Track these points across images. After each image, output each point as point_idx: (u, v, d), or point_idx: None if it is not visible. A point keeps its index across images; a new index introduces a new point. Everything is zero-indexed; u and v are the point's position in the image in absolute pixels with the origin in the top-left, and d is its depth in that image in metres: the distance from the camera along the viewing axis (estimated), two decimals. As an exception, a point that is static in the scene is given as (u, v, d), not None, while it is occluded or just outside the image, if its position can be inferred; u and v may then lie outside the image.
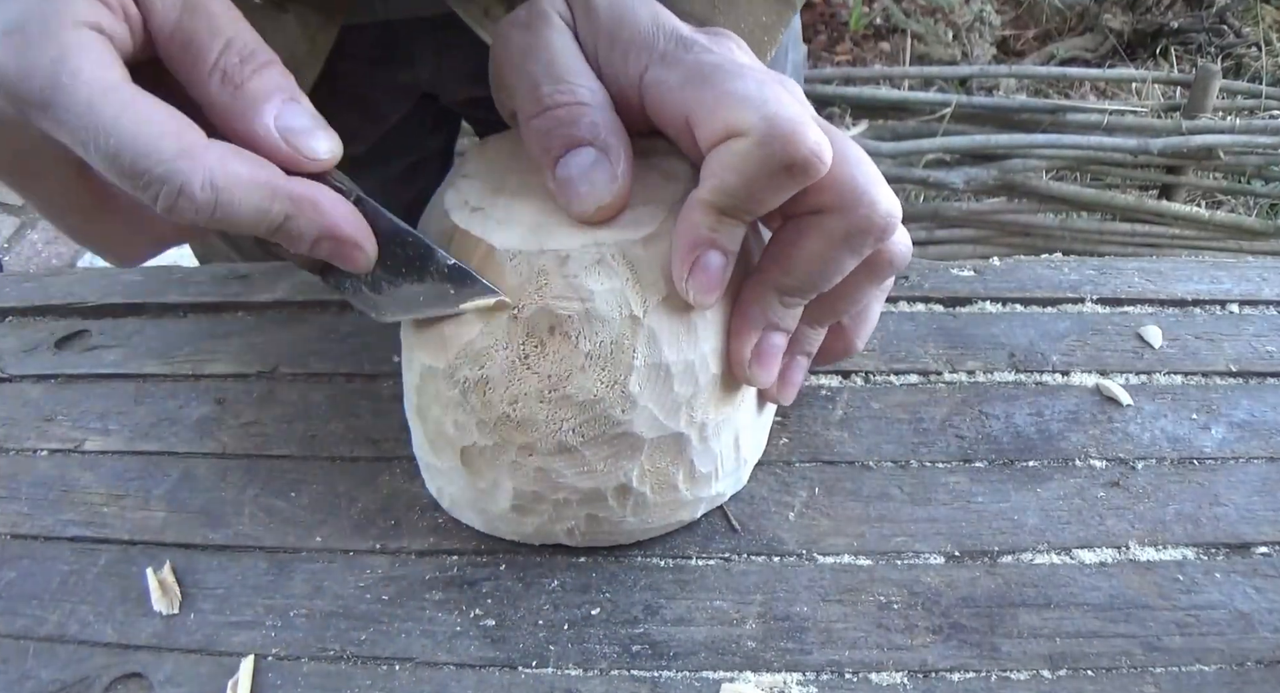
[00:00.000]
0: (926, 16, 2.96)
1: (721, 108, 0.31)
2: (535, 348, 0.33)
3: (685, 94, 0.32)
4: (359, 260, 0.32)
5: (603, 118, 0.33)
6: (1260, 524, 0.38)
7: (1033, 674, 0.34)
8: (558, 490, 0.35)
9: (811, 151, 0.30)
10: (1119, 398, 0.44)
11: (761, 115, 0.30)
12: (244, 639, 0.36)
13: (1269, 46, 2.81)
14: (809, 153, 0.30)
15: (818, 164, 0.30)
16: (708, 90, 0.32)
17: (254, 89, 0.30)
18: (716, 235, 0.32)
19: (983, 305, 0.49)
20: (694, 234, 0.32)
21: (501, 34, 0.35)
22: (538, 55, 0.34)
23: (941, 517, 0.39)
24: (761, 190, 0.31)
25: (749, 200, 0.31)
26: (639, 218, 0.33)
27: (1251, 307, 0.49)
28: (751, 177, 0.31)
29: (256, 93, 0.30)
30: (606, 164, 0.32)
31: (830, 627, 0.35)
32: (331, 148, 0.31)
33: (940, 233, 2.11)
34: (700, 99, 0.32)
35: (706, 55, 0.33)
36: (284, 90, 0.31)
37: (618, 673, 0.34)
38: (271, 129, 0.30)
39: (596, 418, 0.33)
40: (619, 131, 0.33)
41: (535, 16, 0.35)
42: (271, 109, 0.30)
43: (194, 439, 0.44)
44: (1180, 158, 2.05)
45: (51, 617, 0.37)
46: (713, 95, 0.32)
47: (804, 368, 0.38)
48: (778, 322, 0.35)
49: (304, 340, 0.49)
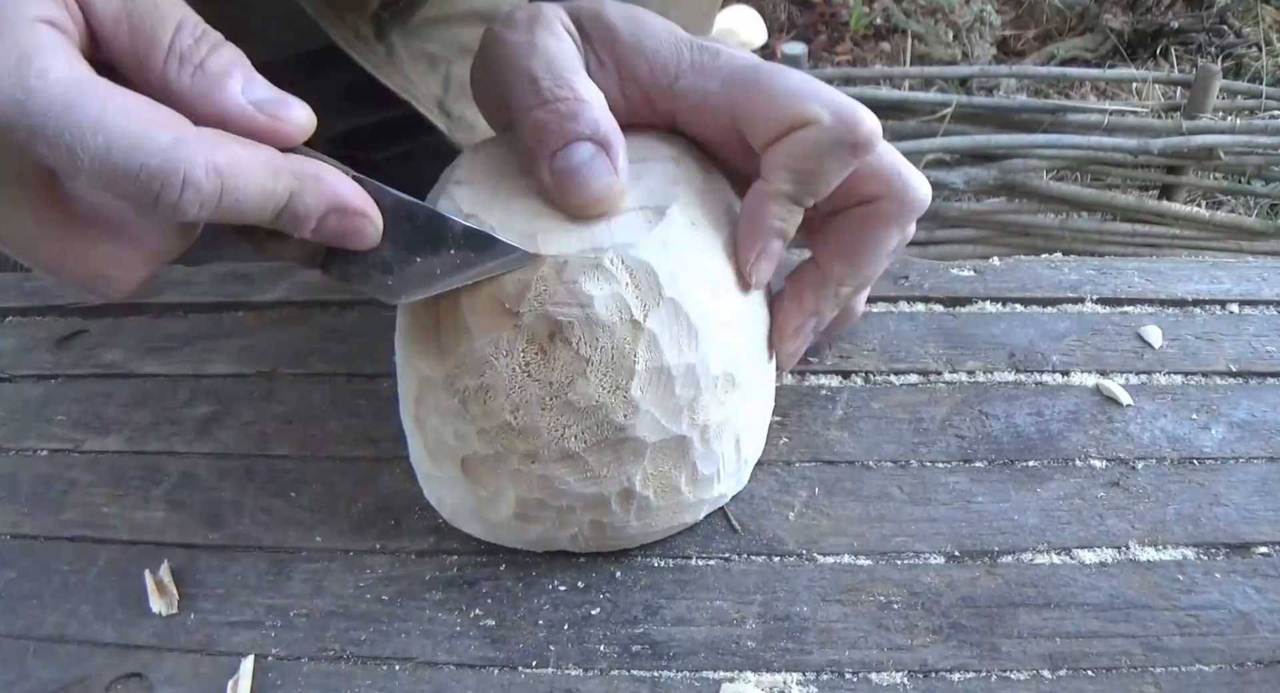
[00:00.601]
0: (927, 16, 2.97)
1: (777, 105, 0.34)
2: (536, 355, 0.33)
3: (731, 97, 0.35)
4: (367, 232, 0.31)
5: (602, 114, 0.34)
6: (1260, 524, 0.38)
7: (1033, 674, 0.34)
8: (561, 498, 0.35)
9: (872, 130, 0.34)
10: (1119, 398, 0.44)
11: (822, 104, 0.34)
12: (244, 639, 0.36)
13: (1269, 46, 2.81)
14: (870, 131, 0.34)
15: (877, 140, 0.35)
16: (755, 91, 0.35)
17: (215, 66, 0.29)
18: (785, 224, 0.36)
19: (983, 305, 0.49)
20: (767, 224, 0.35)
21: (495, 34, 0.36)
22: (538, 53, 0.34)
23: (941, 517, 0.39)
24: (830, 171, 0.35)
25: (816, 182, 0.35)
26: (637, 221, 0.33)
27: (1251, 307, 0.49)
28: (823, 159, 0.34)
29: (219, 70, 0.29)
30: (604, 159, 0.33)
31: (830, 627, 0.35)
32: (308, 113, 0.30)
33: (940, 233, 2.11)
34: (749, 100, 0.35)
35: (737, 60, 0.36)
36: (242, 65, 0.29)
37: (618, 673, 0.34)
38: (244, 103, 0.29)
39: (599, 424, 0.33)
40: (616, 129, 0.34)
41: (536, 20, 0.36)
42: (236, 84, 0.29)
43: (194, 439, 0.44)
44: (1180, 158, 2.05)
45: (51, 617, 0.37)
46: (762, 95, 0.35)
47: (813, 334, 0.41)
48: (825, 312, 0.40)
49: (304, 340, 0.49)
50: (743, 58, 0.36)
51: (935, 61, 2.80)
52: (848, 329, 0.47)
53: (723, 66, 0.36)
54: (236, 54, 0.30)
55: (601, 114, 0.33)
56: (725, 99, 0.35)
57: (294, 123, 0.30)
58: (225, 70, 0.29)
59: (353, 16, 0.54)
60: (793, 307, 0.39)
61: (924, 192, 0.38)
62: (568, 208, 0.33)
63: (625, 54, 0.36)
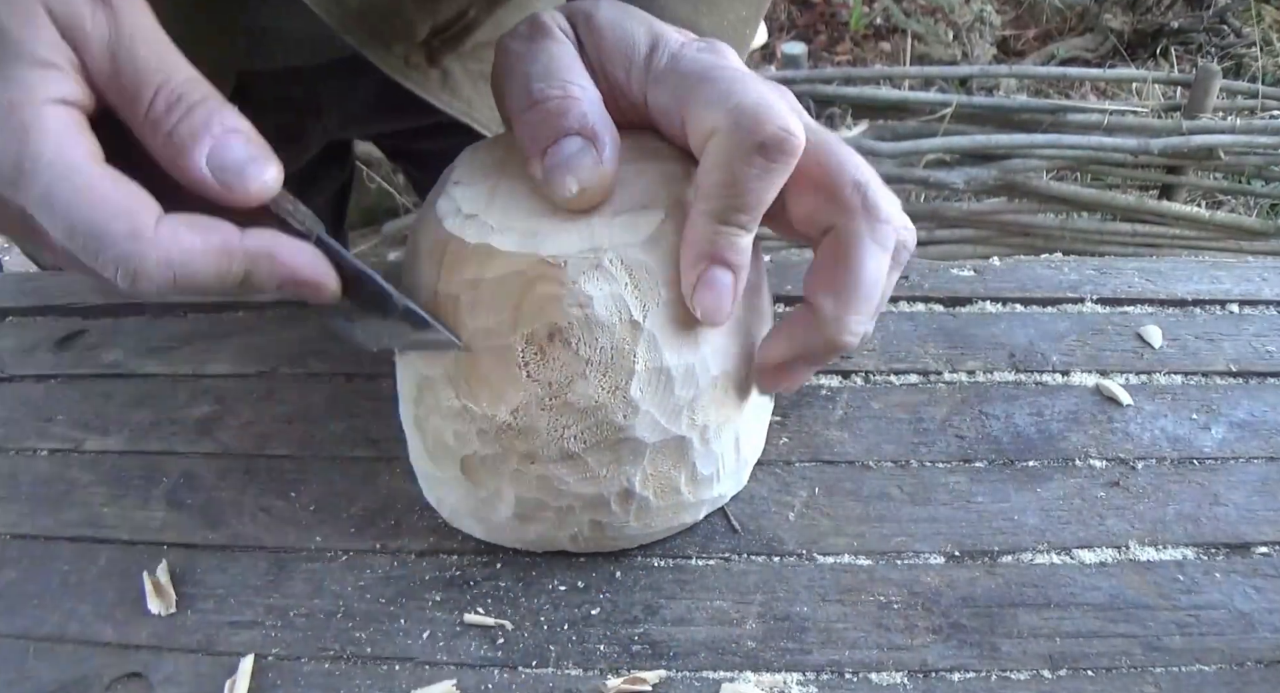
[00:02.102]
0: (927, 16, 2.97)
1: (696, 116, 0.32)
2: (536, 355, 0.33)
3: (680, 106, 0.34)
4: (324, 296, 0.32)
5: (592, 110, 0.33)
6: (1260, 524, 0.38)
7: (1033, 674, 0.34)
8: (560, 498, 0.35)
9: (779, 127, 0.31)
10: (1119, 398, 0.44)
11: (726, 108, 0.31)
12: (244, 639, 0.36)
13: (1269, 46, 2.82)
14: (776, 129, 0.31)
15: (788, 139, 0.31)
16: (689, 102, 0.33)
17: (182, 133, 0.30)
18: (717, 246, 0.32)
19: (983, 305, 0.49)
20: (695, 247, 0.33)
21: (502, 45, 0.36)
22: (535, 58, 0.35)
23: (941, 517, 0.39)
24: (744, 181, 0.31)
25: (740, 196, 0.32)
26: (636, 221, 0.33)
27: (1251, 307, 0.49)
28: (730, 168, 0.31)
29: (184, 137, 0.30)
30: (592, 151, 0.33)
31: (830, 627, 0.35)
32: (270, 175, 0.31)
33: (940, 233, 2.11)
34: (686, 111, 0.33)
35: (686, 65, 0.34)
36: (217, 125, 0.30)
37: (617, 673, 0.34)
38: (204, 170, 0.30)
39: (599, 424, 0.33)
40: (608, 124, 0.34)
41: (536, 28, 0.36)
42: (201, 150, 0.30)
43: (194, 439, 0.44)
44: (1180, 158, 2.05)
45: (51, 617, 0.37)
46: (693, 106, 0.33)
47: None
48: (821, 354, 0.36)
49: (304, 340, 0.49)
50: (695, 62, 0.34)
51: (935, 61, 2.80)
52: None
53: (677, 72, 0.34)
54: (212, 112, 0.30)
55: (592, 109, 0.33)
56: (676, 108, 0.34)
57: (249, 188, 0.30)
58: (193, 135, 0.30)
59: (402, 46, 0.54)
60: (779, 340, 0.36)
61: (889, 204, 0.34)
62: (558, 200, 0.33)
63: (607, 63, 0.35)
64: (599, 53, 0.36)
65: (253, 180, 0.31)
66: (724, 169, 0.31)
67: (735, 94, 0.31)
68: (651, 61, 0.35)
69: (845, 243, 0.34)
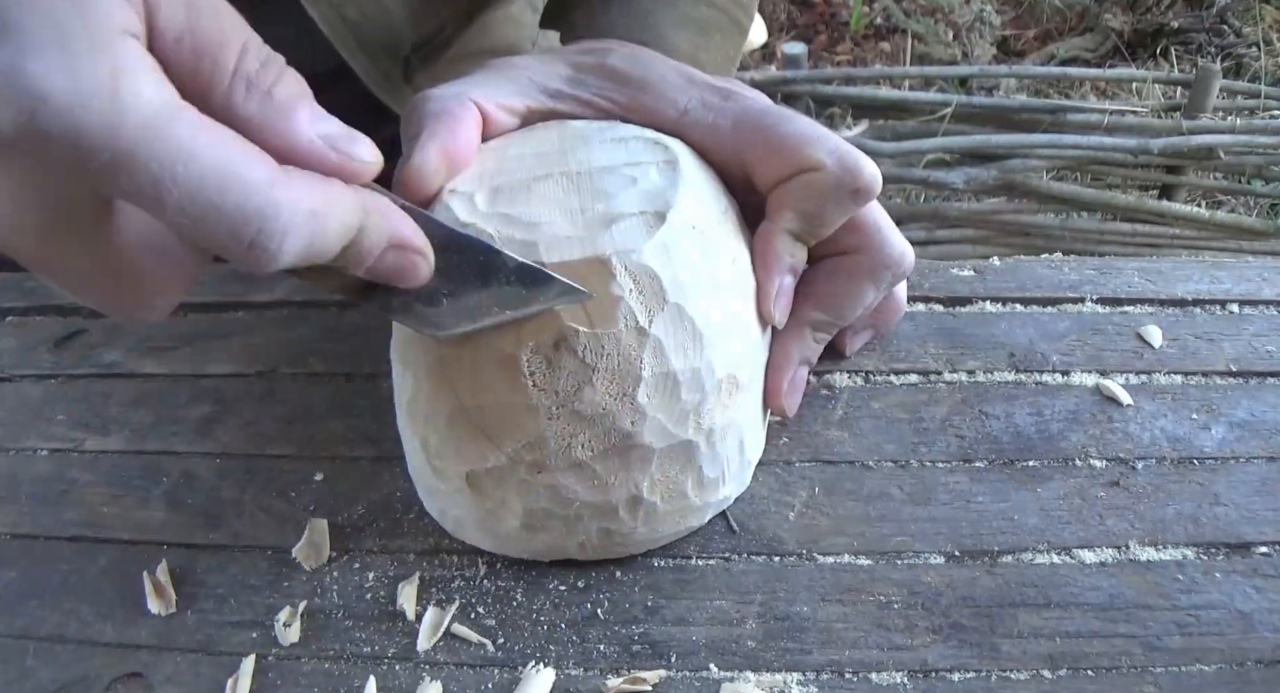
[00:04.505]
0: (926, 16, 2.96)
1: (787, 149, 0.37)
2: (542, 365, 0.33)
3: (739, 137, 0.37)
4: (421, 270, 0.30)
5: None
6: (1260, 524, 0.38)
7: (1033, 674, 0.34)
8: (569, 507, 0.35)
9: (872, 177, 0.37)
10: (1119, 398, 0.44)
11: (828, 151, 0.36)
12: (244, 639, 0.36)
13: (1269, 46, 2.81)
14: (870, 177, 0.37)
15: (876, 187, 0.37)
16: (760, 134, 0.37)
17: (283, 95, 0.26)
18: (795, 260, 0.38)
19: (983, 305, 0.49)
20: (779, 261, 0.37)
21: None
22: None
23: (941, 517, 0.39)
24: (831, 214, 0.37)
25: (819, 224, 0.38)
26: (638, 227, 0.33)
27: (1251, 307, 0.49)
28: (826, 202, 0.37)
29: (286, 100, 0.26)
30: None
31: (830, 627, 0.35)
32: (374, 152, 0.28)
33: (940, 233, 2.11)
34: (754, 141, 0.37)
35: (748, 101, 0.39)
36: (309, 96, 0.27)
37: (617, 673, 0.34)
38: (314, 137, 0.27)
39: (606, 431, 0.33)
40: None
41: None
42: (305, 116, 0.27)
43: (194, 439, 0.44)
44: (1180, 158, 2.05)
45: (51, 617, 0.37)
46: (771, 138, 0.37)
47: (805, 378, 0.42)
48: (810, 356, 0.41)
49: (304, 340, 0.49)
50: (755, 100, 0.39)
51: (935, 61, 2.80)
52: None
53: (734, 107, 0.38)
54: (301, 83, 0.27)
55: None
56: (733, 138, 0.38)
57: (363, 160, 0.28)
58: (293, 100, 0.27)
59: (386, 62, 0.54)
60: (783, 361, 0.40)
61: (900, 249, 0.40)
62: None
63: (632, 92, 0.39)
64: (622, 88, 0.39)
65: (365, 148, 0.28)
66: (817, 202, 0.37)
67: (828, 138, 0.37)
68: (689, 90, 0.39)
69: (852, 272, 0.40)
